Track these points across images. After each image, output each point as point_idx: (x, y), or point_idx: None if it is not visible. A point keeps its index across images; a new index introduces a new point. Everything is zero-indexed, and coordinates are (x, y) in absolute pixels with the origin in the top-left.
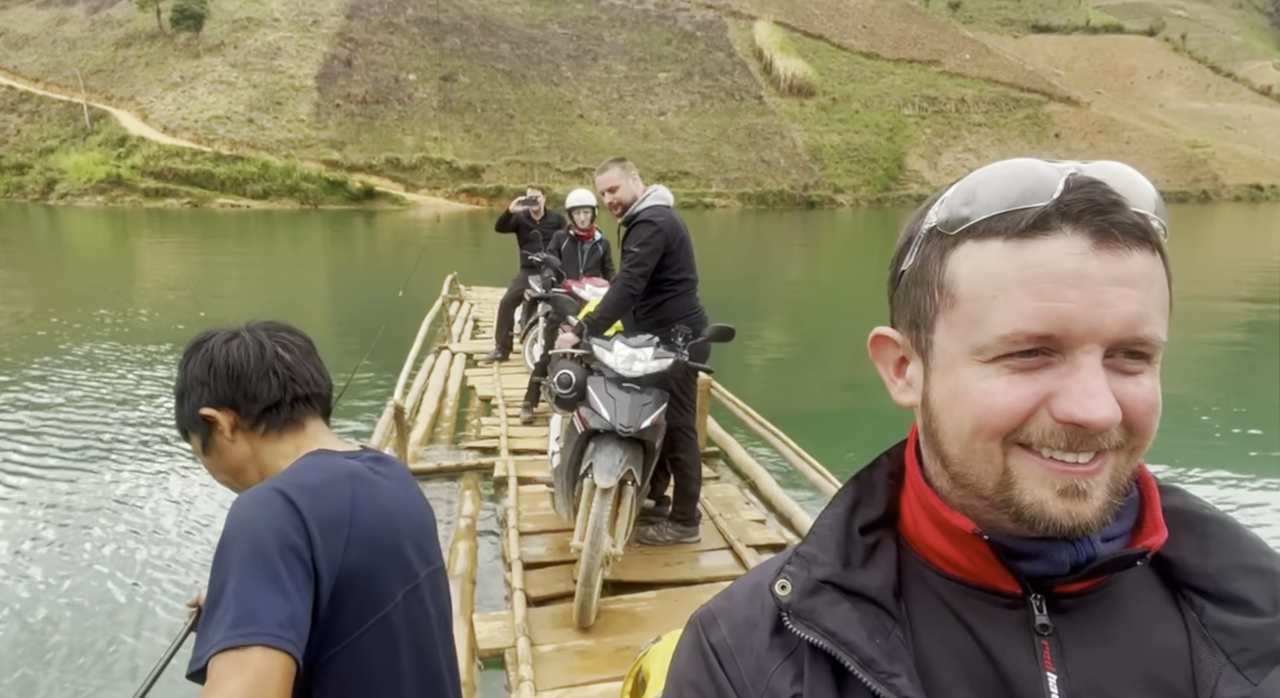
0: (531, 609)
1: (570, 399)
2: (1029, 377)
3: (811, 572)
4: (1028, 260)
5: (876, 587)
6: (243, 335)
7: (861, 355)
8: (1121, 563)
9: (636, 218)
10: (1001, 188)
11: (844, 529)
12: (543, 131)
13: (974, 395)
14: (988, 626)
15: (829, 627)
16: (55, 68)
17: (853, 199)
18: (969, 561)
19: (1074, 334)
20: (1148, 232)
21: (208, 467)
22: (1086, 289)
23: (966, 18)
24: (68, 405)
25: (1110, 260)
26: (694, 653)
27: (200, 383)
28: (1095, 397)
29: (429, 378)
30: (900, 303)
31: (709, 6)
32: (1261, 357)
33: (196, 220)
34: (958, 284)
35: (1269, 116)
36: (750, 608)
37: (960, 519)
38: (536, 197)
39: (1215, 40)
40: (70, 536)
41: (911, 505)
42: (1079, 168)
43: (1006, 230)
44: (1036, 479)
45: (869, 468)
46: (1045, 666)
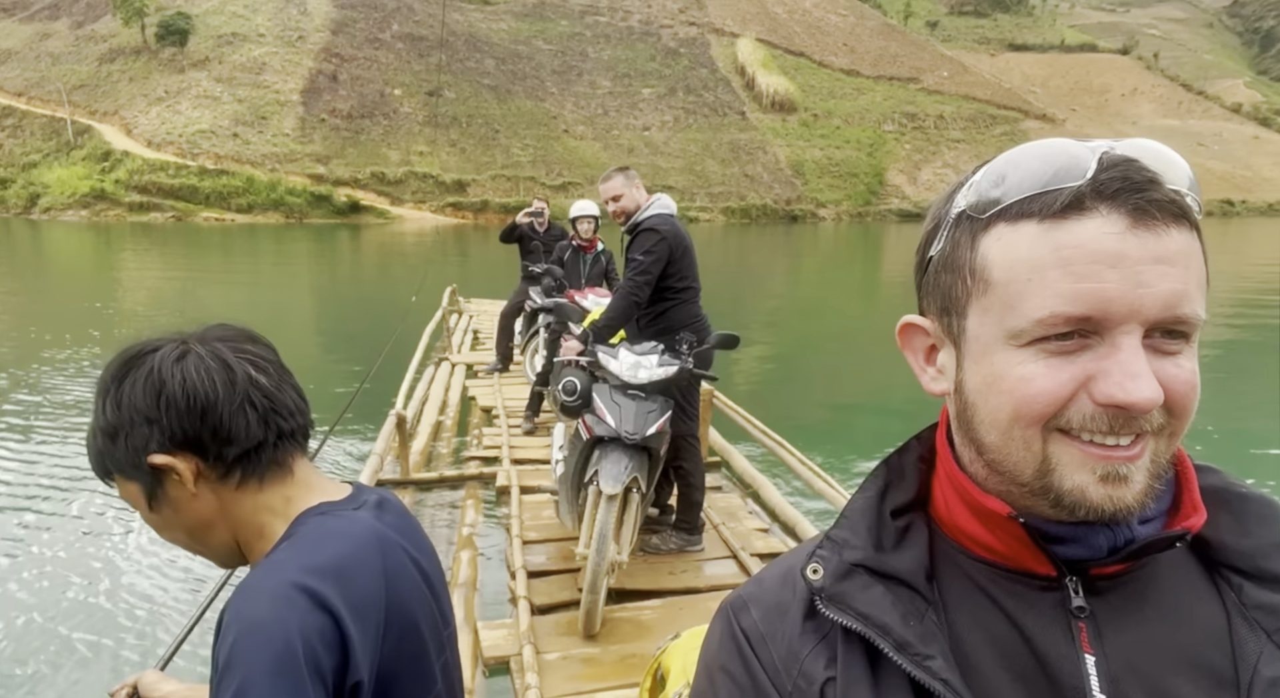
0: (536, 617)
1: (575, 406)
2: (1067, 360)
3: (843, 555)
4: (1063, 241)
5: (909, 570)
6: (196, 351)
7: (861, 364)
8: (1160, 545)
9: (640, 226)
10: (1034, 169)
11: (875, 513)
12: (528, 146)
13: (1011, 382)
14: (1023, 608)
15: (862, 610)
16: (38, 82)
17: (835, 213)
18: (1003, 544)
19: (1114, 315)
20: (1184, 209)
21: (153, 524)
22: (1125, 269)
23: (944, 36)
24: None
25: (1148, 239)
26: (726, 639)
27: (146, 419)
28: (1137, 378)
29: (429, 389)
30: (929, 289)
31: (692, 24)
32: (1247, 367)
33: (180, 234)
34: (990, 268)
35: (1239, 133)
36: (781, 593)
37: (995, 503)
38: (542, 208)
39: (1187, 59)
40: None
41: (944, 489)
42: (1111, 146)
43: (1040, 211)
44: (1077, 465)
45: (898, 452)
46: (1083, 648)
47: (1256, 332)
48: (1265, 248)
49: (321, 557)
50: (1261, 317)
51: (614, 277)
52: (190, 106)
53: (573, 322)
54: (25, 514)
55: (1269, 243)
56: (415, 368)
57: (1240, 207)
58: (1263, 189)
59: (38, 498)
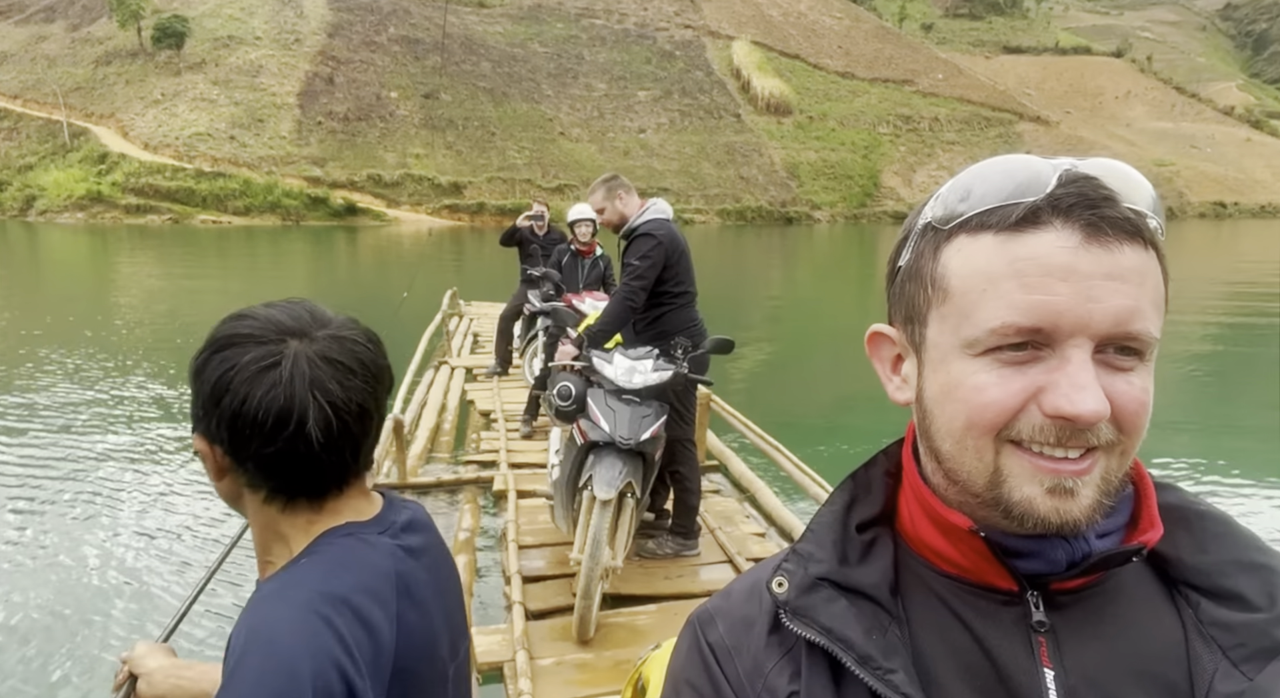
0: (531, 623)
1: (570, 411)
2: (1019, 371)
3: (808, 569)
4: (1017, 253)
5: (873, 584)
6: (286, 370)
7: (856, 368)
8: (1117, 560)
9: (636, 231)
10: (996, 182)
11: (840, 527)
12: (524, 149)
13: (965, 390)
14: (985, 623)
15: (826, 624)
16: (34, 85)
17: (829, 215)
18: (966, 558)
19: (1063, 328)
20: (1140, 227)
21: (215, 487)
22: (1076, 282)
23: (939, 39)
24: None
25: (1100, 255)
26: (692, 653)
27: (206, 404)
28: (1083, 390)
29: (428, 392)
30: (896, 299)
31: (688, 27)
32: (1235, 372)
33: (177, 237)
34: (949, 278)
35: (1232, 136)
36: (747, 607)
37: (957, 517)
38: (542, 211)
39: (1180, 62)
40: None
41: (909, 503)
42: (1074, 164)
43: (998, 224)
44: (1026, 476)
45: (865, 466)
46: (1042, 662)
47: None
48: (1259, 248)
49: (341, 585)
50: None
51: (612, 281)
52: (187, 109)
53: (569, 326)
54: (20, 503)
55: (1262, 243)
56: (414, 371)
57: (1233, 208)
58: (1255, 191)
59: (34, 488)
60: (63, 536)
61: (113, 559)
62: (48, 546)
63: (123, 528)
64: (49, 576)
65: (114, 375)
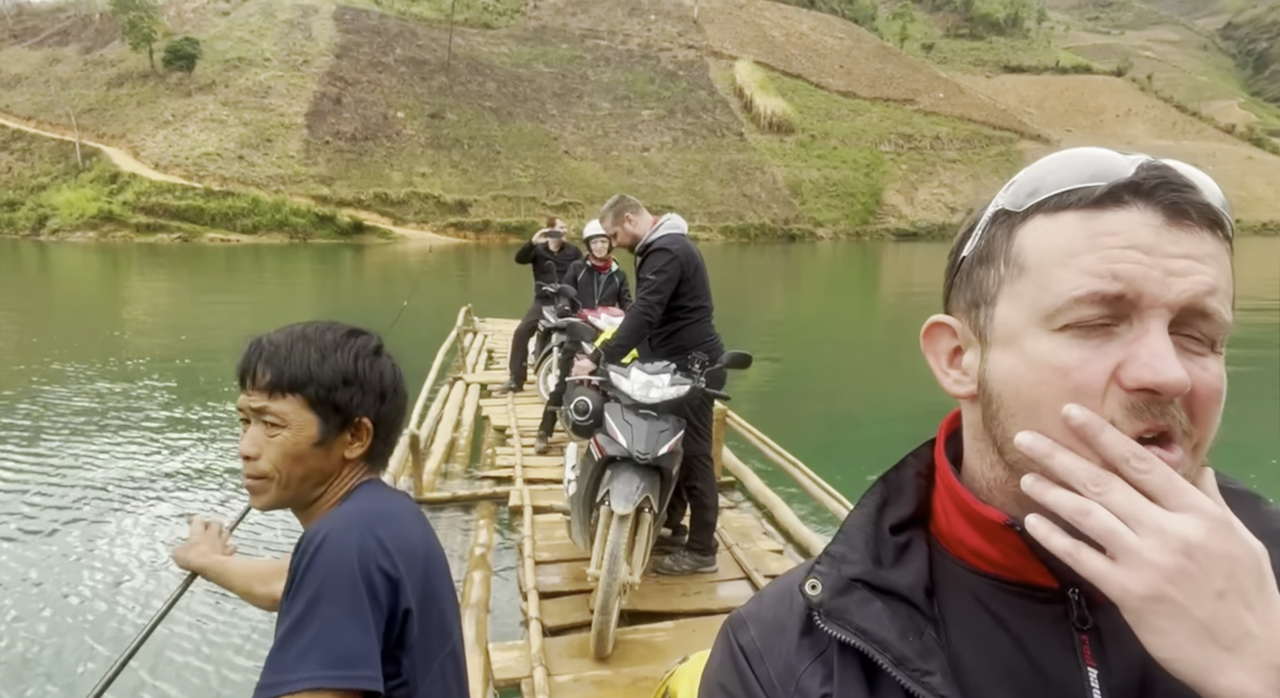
0: (548, 639)
1: (587, 426)
2: (1098, 349)
3: (842, 570)
4: (1100, 228)
5: (908, 585)
6: (385, 351)
7: (873, 383)
8: None
9: (651, 246)
10: (1076, 168)
11: (873, 528)
12: (529, 167)
13: (1046, 372)
14: (1024, 622)
15: (861, 625)
16: (47, 107)
17: (832, 233)
18: (1004, 555)
19: (1145, 295)
20: (1220, 218)
21: (286, 449)
22: (1158, 257)
23: (940, 58)
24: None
25: (1182, 236)
26: (725, 656)
27: (373, 392)
28: (1165, 359)
29: (444, 408)
30: (960, 287)
31: (691, 47)
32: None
33: (187, 255)
34: (1026, 254)
35: (1233, 154)
36: (779, 610)
37: (992, 512)
38: (562, 229)
39: (1181, 80)
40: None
41: (944, 503)
42: (1150, 158)
43: (1078, 202)
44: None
45: (896, 468)
46: (1085, 661)
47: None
48: (1263, 266)
49: (384, 509)
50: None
51: (627, 297)
52: (197, 130)
53: (585, 341)
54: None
55: (1264, 260)
56: (429, 388)
57: (1236, 226)
58: (1257, 208)
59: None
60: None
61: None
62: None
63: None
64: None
65: (134, 391)
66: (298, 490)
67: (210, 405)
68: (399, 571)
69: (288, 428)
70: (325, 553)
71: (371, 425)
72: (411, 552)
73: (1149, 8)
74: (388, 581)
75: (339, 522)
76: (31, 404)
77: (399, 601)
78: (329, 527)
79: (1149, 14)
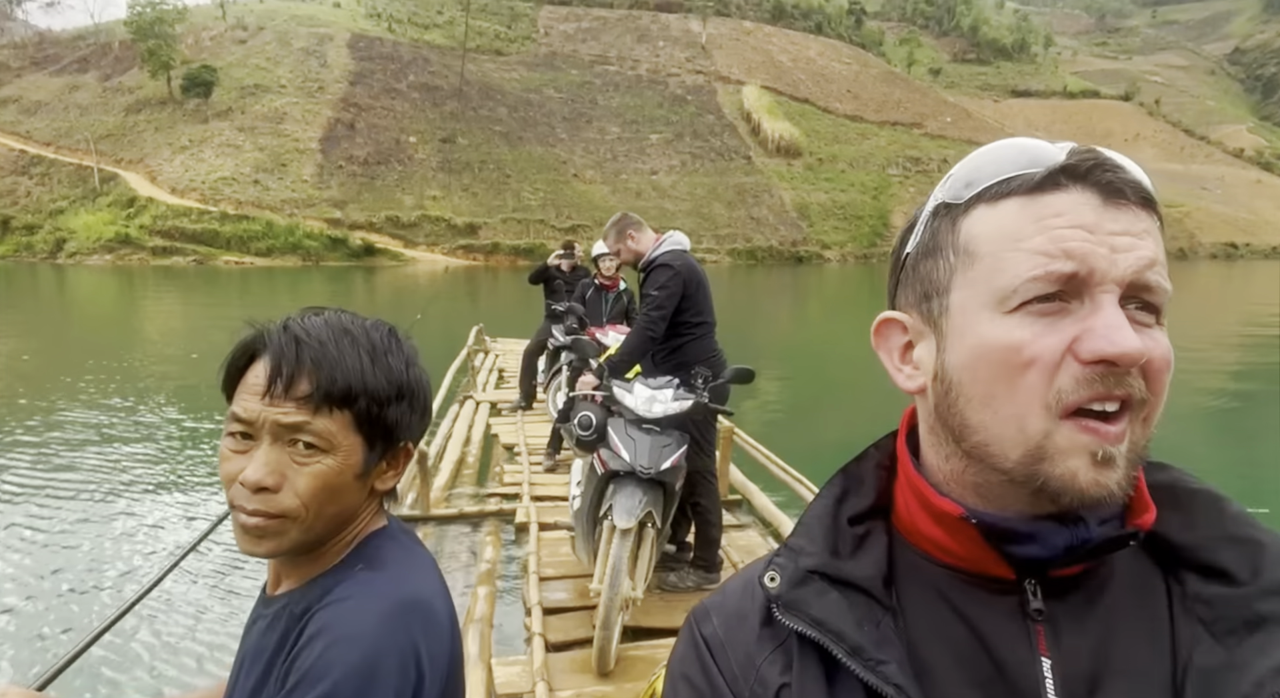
0: (551, 655)
1: (590, 441)
2: (1052, 325)
3: (799, 562)
4: (1044, 211)
5: (866, 576)
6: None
7: (879, 401)
8: (1114, 545)
9: (654, 262)
10: (1009, 157)
11: (831, 519)
12: (538, 190)
13: (1002, 351)
14: (981, 612)
15: (817, 616)
16: (67, 132)
17: (840, 255)
18: (962, 547)
19: (1095, 272)
20: (1149, 195)
21: (325, 477)
22: (1101, 235)
23: (947, 83)
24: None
25: (1118, 214)
26: (688, 647)
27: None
28: (1121, 329)
29: (453, 426)
30: (907, 282)
31: (699, 72)
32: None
33: (202, 277)
34: (975, 241)
35: (1241, 177)
36: (741, 601)
37: (948, 504)
38: (576, 250)
39: (1190, 105)
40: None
41: (904, 494)
42: (1077, 145)
43: (1019, 188)
44: (1073, 450)
45: (856, 460)
46: (1040, 651)
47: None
48: (1271, 289)
49: (417, 591)
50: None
51: (635, 315)
52: (213, 155)
53: (590, 357)
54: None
55: (1273, 284)
56: (439, 406)
57: (1244, 249)
58: (1266, 232)
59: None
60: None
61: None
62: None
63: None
64: None
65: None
66: (320, 534)
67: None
68: (429, 668)
69: (333, 453)
70: (347, 650)
71: (412, 451)
72: (441, 656)
73: (1157, 33)
74: (418, 682)
75: (375, 625)
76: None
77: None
78: (365, 634)
79: (1157, 39)
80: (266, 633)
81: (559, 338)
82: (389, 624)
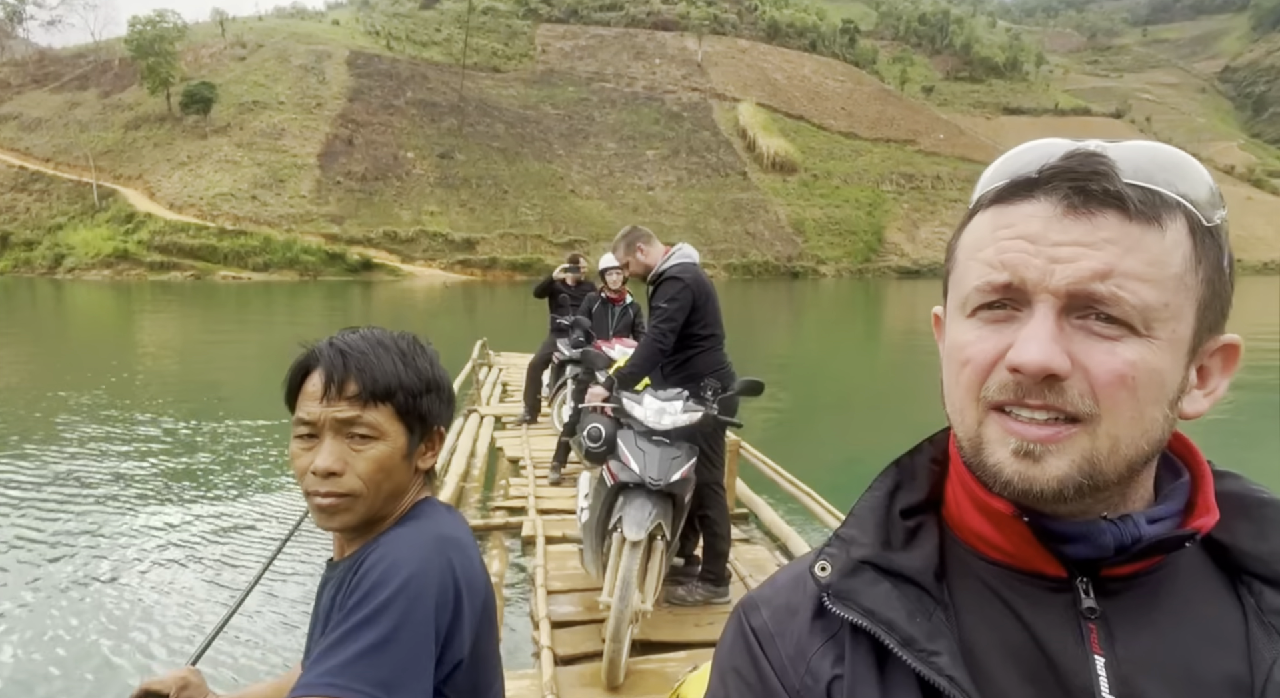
0: (559, 668)
1: (600, 453)
2: (996, 330)
3: (850, 552)
4: (999, 223)
5: (917, 568)
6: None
7: (885, 413)
8: (1169, 545)
9: (663, 275)
10: (1010, 165)
11: (884, 511)
12: (535, 205)
13: (955, 350)
14: (1034, 610)
15: (868, 606)
16: (66, 149)
17: (835, 270)
18: (1012, 544)
19: (1028, 282)
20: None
21: (376, 461)
22: (1042, 245)
23: (940, 101)
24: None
25: (1071, 224)
26: (736, 639)
27: (446, 398)
28: (1030, 340)
29: (457, 440)
30: (947, 279)
31: (695, 90)
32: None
33: (199, 292)
34: (958, 248)
35: (1233, 194)
36: (792, 594)
37: (999, 503)
38: (581, 264)
39: (1181, 122)
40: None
41: (955, 490)
42: (1100, 145)
43: (995, 199)
44: (998, 440)
45: (910, 453)
46: (1093, 649)
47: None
48: (1262, 305)
49: (455, 535)
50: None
51: (641, 329)
52: (212, 170)
53: (599, 369)
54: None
55: (1264, 300)
56: None
57: (1236, 265)
58: (1257, 248)
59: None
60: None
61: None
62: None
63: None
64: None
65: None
66: (381, 508)
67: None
68: (461, 606)
69: (383, 440)
70: (394, 574)
71: (444, 434)
72: (476, 583)
73: (1148, 51)
74: (447, 616)
75: (417, 551)
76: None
77: (450, 647)
78: (409, 557)
79: (1148, 58)
80: (334, 592)
81: (564, 352)
82: (427, 551)
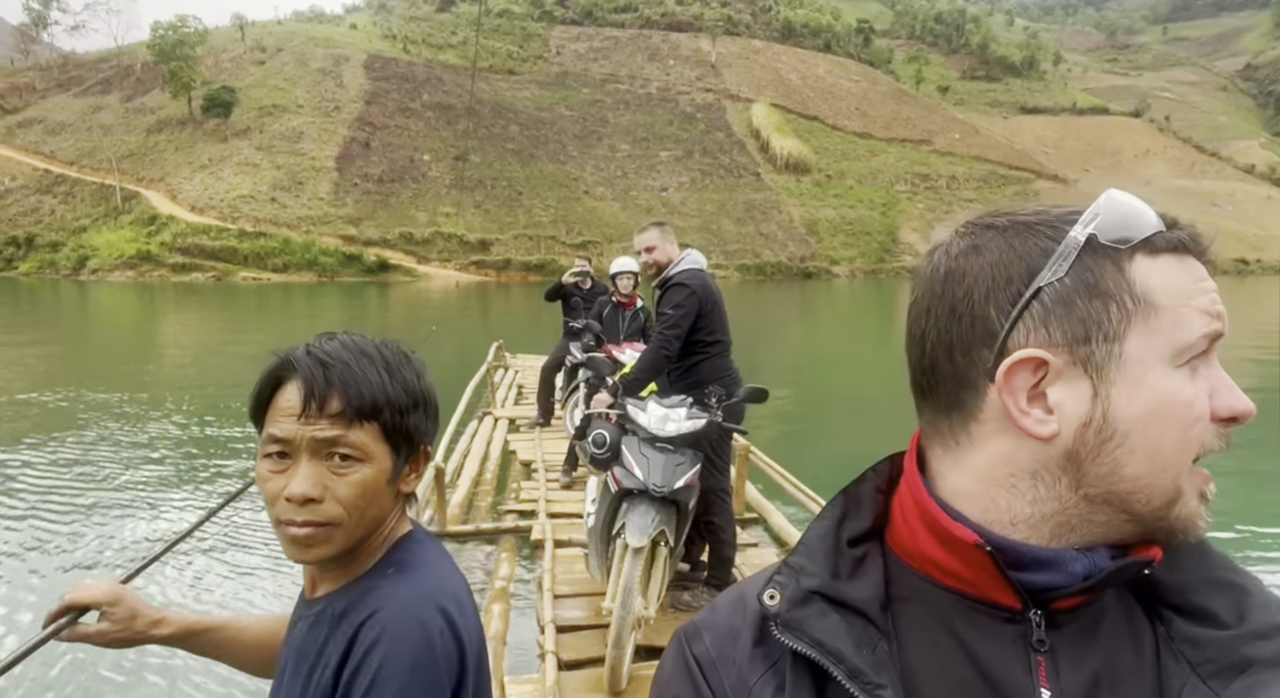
0: (563, 673)
1: (604, 459)
2: (1202, 384)
3: (801, 582)
4: (1196, 273)
5: (864, 599)
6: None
7: (896, 419)
8: (1127, 572)
9: (671, 281)
10: (1147, 213)
11: (833, 540)
12: (549, 207)
13: (1177, 407)
14: (982, 639)
15: (817, 637)
16: (90, 152)
17: (849, 271)
18: (970, 571)
19: (1224, 333)
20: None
21: (361, 484)
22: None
23: (956, 100)
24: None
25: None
26: (678, 666)
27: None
28: (1237, 389)
29: (471, 442)
30: (1057, 318)
31: (709, 91)
32: None
33: (220, 293)
34: (1154, 292)
35: (1252, 193)
36: (733, 619)
37: (963, 531)
38: (586, 268)
39: (1201, 121)
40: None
41: (908, 516)
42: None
43: (1171, 248)
44: (1192, 492)
45: (856, 482)
46: (1040, 682)
47: None
48: None
49: (448, 584)
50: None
51: (651, 333)
52: (232, 173)
53: (605, 375)
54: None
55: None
56: (456, 422)
57: (1255, 266)
58: (1276, 248)
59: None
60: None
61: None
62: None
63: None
64: None
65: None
66: (359, 538)
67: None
68: (465, 670)
69: (367, 462)
70: (419, 677)
71: (430, 454)
72: (475, 641)
73: (1167, 49)
74: (452, 683)
75: (418, 627)
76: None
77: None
78: (410, 634)
79: (1167, 56)
80: (309, 633)
81: (577, 355)
82: (426, 615)
